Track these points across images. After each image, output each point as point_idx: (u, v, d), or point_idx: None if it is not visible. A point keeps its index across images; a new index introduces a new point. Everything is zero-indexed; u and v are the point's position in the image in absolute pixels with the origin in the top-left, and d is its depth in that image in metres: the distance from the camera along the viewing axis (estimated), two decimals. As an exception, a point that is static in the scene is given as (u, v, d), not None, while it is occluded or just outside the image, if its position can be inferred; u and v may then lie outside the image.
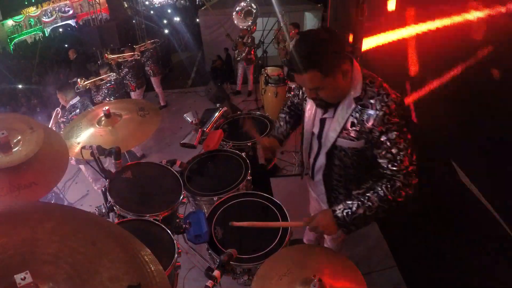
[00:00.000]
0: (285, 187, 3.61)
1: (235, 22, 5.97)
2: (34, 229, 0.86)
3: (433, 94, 2.26)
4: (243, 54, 6.23)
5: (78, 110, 3.24)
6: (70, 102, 3.32)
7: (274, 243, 1.65)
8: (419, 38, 2.42)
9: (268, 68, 5.47)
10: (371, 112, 1.39)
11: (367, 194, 1.45)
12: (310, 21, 7.89)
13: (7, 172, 1.44)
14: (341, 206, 1.48)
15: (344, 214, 1.46)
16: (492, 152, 1.76)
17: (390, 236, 2.98)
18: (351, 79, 1.43)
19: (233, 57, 6.59)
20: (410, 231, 2.71)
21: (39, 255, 0.82)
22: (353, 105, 1.43)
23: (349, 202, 1.47)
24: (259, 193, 1.94)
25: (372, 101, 1.39)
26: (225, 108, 2.59)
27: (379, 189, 1.43)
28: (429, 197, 2.27)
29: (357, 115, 1.43)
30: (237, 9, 5.86)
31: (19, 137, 1.52)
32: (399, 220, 2.77)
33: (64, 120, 3.27)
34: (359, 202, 1.45)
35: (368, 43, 3.54)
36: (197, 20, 8.05)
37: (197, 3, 9.98)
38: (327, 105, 1.50)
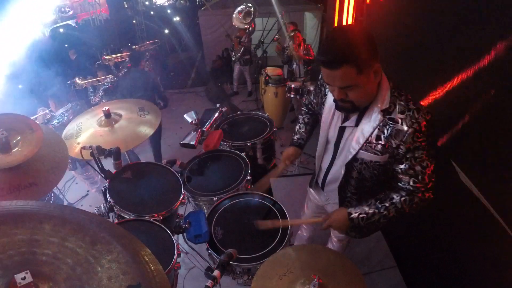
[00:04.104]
0: (285, 187, 3.61)
1: (234, 22, 5.94)
2: (34, 229, 0.86)
3: (433, 93, 2.26)
4: (238, 54, 6.21)
5: (65, 119, 3.24)
6: (60, 110, 3.33)
7: (274, 243, 1.65)
8: (419, 38, 2.42)
9: (268, 68, 5.47)
10: (400, 127, 1.33)
11: (385, 204, 1.46)
12: (310, 21, 7.89)
13: (7, 172, 1.44)
14: (357, 210, 1.50)
15: (360, 218, 1.49)
16: (492, 152, 1.76)
17: (390, 236, 2.98)
18: (379, 86, 1.37)
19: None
20: (410, 231, 2.70)
21: (39, 255, 0.82)
22: (381, 118, 1.36)
23: (366, 207, 1.49)
24: (259, 193, 1.94)
25: (402, 116, 1.33)
26: (225, 108, 2.59)
27: (398, 201, 1.45)
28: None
29: (384, 129, 1.36)
30: (238, 9, 5.86)
31: (19, 137, 1.52)
32: (399, 220, 2.77)
33: (51, 127, 3.25)
34: (376, 210, 1.47)
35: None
36: (197, 20, 8.04)
37: (197, 3, 9.97)
38: (353, 109, 1.39)
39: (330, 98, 1.55)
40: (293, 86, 4.58)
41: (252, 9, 5.72)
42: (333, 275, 1.33)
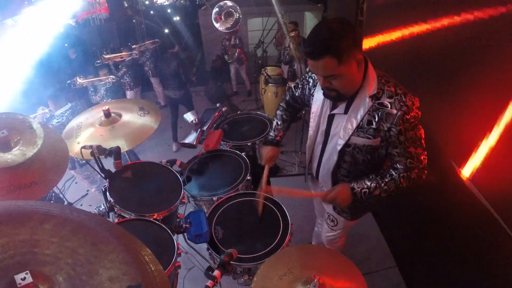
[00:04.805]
0: (285, 187, 3.60)
1: (216, 26, 5.54)
2: (34, 229, 0.86)
3: (433, 93, 2.26)
4: (235, 56, 6.22)
5: (65, 119, 3.24)
6: (60, 110, 3.34)
7: (274, 243, 1.65)
8: (420, 38, 2.42)
9: (268, 68, 5.46)
10: (389, 111, 1.41)
11: (385, 179, 1.53)
12: (310, 21, 7.88)
13: (7, 172, 1.44)
14: (359, 185, 1.56)
15: (362, 192, 1.55)
16: (491, 152, 1.76)
17: (390, 236, 2.98)
18: (365, 75, 1.44)
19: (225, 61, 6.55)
20: (410, 231, 2.70)
21: (39, 255, 0.82)
22: (370, 103, 1.44)
23: (368, 182, 1.55)
24: (259, 193, 1.94)
25: (390, 100, 1.41)
26: (225, 108, 2.58)
27: (396, 176, 1.51)
28: (429, 197, 2.27)
29: (374, 113, 1.44)
30: (215, 11, 5.42)
31: (19, 137, 1.52)
32: (399, 220, 2.77)
33: (51, 127, 3.26)
34: (377, 184, 1.53)
35: (369, 43, 3.54)
36: (197, 20, 8.03)
37: (197, 2, 9.97)
38: (338, 97, 1.48)
39: (319, 89, 1.61)
40: (293, 85, 4.57)
41: (233, 9, 5.54)
42: (333, 275, 1.33)
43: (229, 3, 5.35)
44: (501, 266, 1.73)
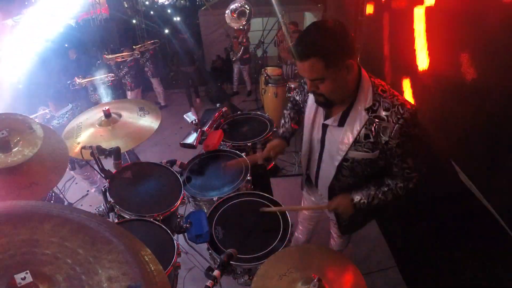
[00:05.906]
0: (285, 187, 3.60)
1: (227, 22, 5.77)
2: (34, 229, 0.86)
3: (433, 93, 2.26)
4: (239, 54, 6.23)
5: (65, 120, 3.25)
6: (61, 111, 3.35)
7: (274, 243, 1.65)
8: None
9: (268, 68, 5.46)
10: (386, 124, 1.36)
11: (383, 189, 1.55)
12: (310, 21, 7.86)
13: (7, 172, 1.44)
14: (358, 196, 1.59)
15: (361, 203, 1.58)
16: (492, 152, 1.76)
17: (390, 236, 2.98)
18: (359, 85, 1.40)
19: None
20: (410, 231, 2.70)
21: (39, 255, 0.82)
22: (366, 117, 1.39)
23: (366, 192, 1.57)
24: (259, 193, 1.94)
25: (387, 113, 1.36)
26: (225, 108, 2.59)
27: (393, 187, 1.53)
28: (429, 197, 2.27)
29: (371, 127, 1.39)
30: (231, 7, 5.69)
31: (19, 138, 1.52)
32: (399, 220, 2.77)
33: (51, 126, 3.27)
34: (375, 194, 1.56)
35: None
36: (198, 20, 8.03)
37: (197, 3, 9.97)
38: (327, 103, 1.43)
39: (312, 95, 1.57)
40: (293, 86, 4.58)
41: (247, 9, 5.59)
42: (333, 275, 1.33)
43: (247, 5, 5.45)
44: (501, 266, 1.73)
